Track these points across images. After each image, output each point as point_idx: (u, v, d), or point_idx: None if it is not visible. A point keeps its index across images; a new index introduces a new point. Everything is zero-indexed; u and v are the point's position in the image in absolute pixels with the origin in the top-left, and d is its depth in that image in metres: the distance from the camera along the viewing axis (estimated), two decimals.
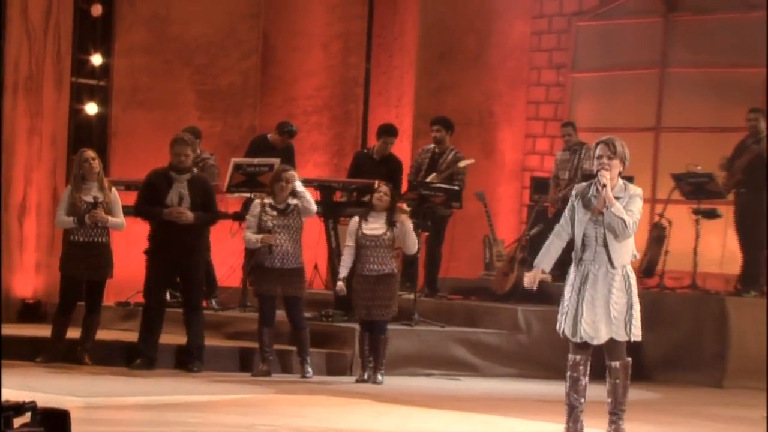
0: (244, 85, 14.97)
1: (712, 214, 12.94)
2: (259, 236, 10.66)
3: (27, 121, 13.45)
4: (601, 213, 7.03)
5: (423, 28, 15.68)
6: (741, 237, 13.11)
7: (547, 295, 13.43)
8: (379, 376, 10.53)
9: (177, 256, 10.81)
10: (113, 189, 11.08)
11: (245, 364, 11.12)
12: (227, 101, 14.85)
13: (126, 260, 13.78)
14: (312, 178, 12.63)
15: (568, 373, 7.28)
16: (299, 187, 10.74)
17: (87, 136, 14.04)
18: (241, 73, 14.93)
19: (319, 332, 11.42)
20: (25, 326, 12.52)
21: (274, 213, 10.75)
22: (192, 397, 8.92)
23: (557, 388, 10.99)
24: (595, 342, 7.21)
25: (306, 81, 15.43)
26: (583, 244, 7.13)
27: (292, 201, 10.78)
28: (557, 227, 7.36)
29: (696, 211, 12.94)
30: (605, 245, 7.07)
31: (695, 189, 12.95)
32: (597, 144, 7.26)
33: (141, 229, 12.55)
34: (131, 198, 12.98)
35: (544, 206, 14.66)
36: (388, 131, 12.98)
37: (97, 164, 10.99)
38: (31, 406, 4.96)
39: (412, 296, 11.93)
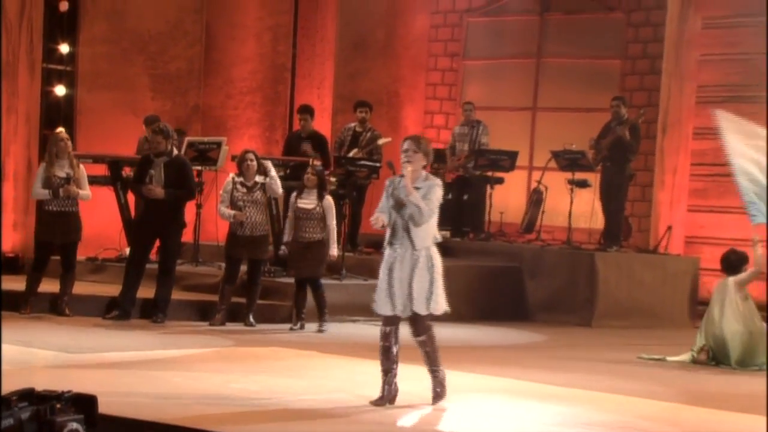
0: (190, 69, 14.79)
1: (583, 184, 13.08)
2: (233, 212, 10.56)
3: (5, 101, 13.13)
4: (404, 204, 6.60)
5: (341, 21, 15.53)
6: (605, 202, 13.27)
7: (448, 249, 13.58)
8: (324, 325, 10.52)
9: (155, 226, 10.70)
10: (81, 165, 10.89)
11: (202, 313, 10.95)
12: (175, 83, 14.66)
13: (94, 222, 13.61)
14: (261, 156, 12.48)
15: (381, 343, 6.80)
16: (272, 171, 10.76)
17: (56, 114, 13.76)
18: (187, 60, 14.74)
19: (263, 287, 11.31)
20: (6, 278, 12.24)
21: (244, 190, 10.66)
22: (169, 352, 8.76)
23: (463, 331, 11.19)
24: (402, 315, 6.75)
25: (242, 66, 15.26)
26: (392, 230, 6.71)
27: (259, 179, 10.72)
28: (380, 206, 6.83)
29: (570, 181, 13.06)
30: (407, 230, 6.64)
31: (570, 163, 13.08)
32: (405, 139, 6.86)
33: (106, 195, 12.44)
34: (99, 169, 12.89)
35: (441, 174, 14.72)
36: (300, 110, 12.99)
37: (68, 144, 10.80)
38: (69, 396, 4.87)
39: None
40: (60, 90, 13.77)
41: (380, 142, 13.10)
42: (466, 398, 7.20)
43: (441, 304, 6.78)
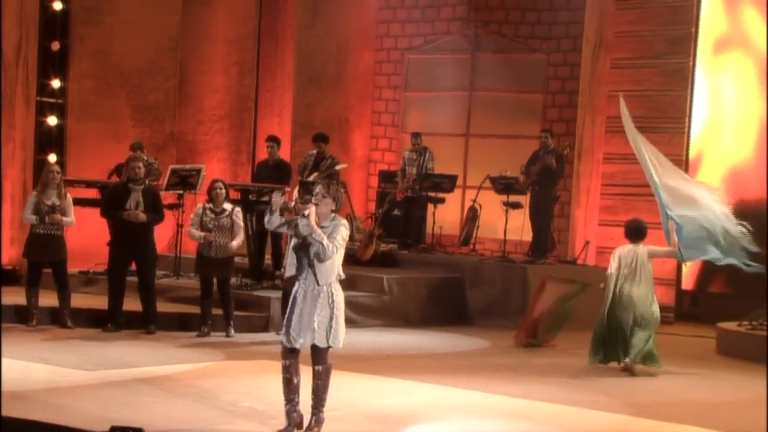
0: (166, 100, 14.58)
1: (516, 206, 13.17)
2: (202, 234, 10.44)
3: (3, 130, 12.87)
4: (308, 242, 6.22)
5: (298, 58, 15.46)
6: (533, 221, 13.34)
7: (397, 261, 13.63)
8: None
9: (133, 247, 10.54)
10: (68, 195, 10.72)
11: (186, 324, 10.80)
12: (153, 113, 14.45)
13: (84, 238, 13.39)
14: (233, 182, 12.39)
15: (282, 375, 6.41)
16: (240, 233, 10.59)
17: (48, 142, 13.51)
18: (163, 92, 14.53)
19: (241, 300, 11.19)
20: (7, 289, 11.95)
21: (212, 215, 10.53)
22: (174, 367, 8.59)
23: (416, 338, 11.22)
24: (301, 347, 6.37)
25: (211, 96, 15.14)
26: (299, 265, 6.34)
27: (227, 206, 10.58)
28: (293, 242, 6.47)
29: (505, 203, 13.14)
30: (312, 266, 6.26)
31: (505, 187, 13.16)
32: (318, 184, 6.56)
33: (96, 215, 12.17)
34: (89, 193, 12.65)
35: (387, 192, 14.74)
36: (268, 138, 12.91)
37: (57, 176, 10.64)
38: None
39: None
40: (52, 120, 13.51)
41: (338, 167, 13.04)
42: (445, 415, 7.16)
43: (341, 339, 6.38)
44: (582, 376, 9.12)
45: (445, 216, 14.76)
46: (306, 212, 6.29)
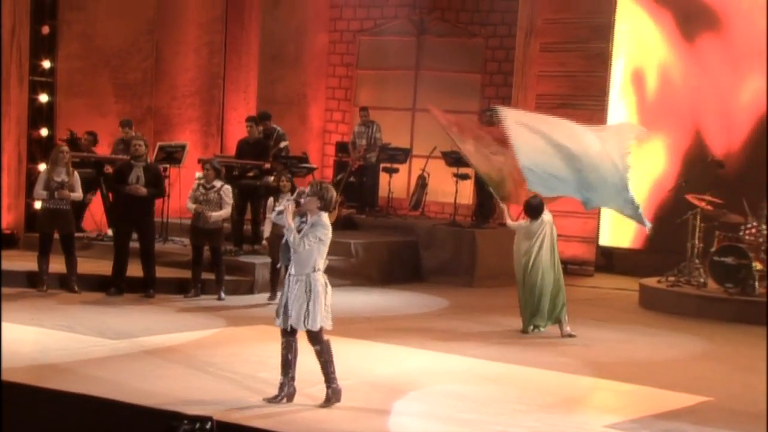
0: (144, 78, 14.33)
1: (465, 177, 13.32)
2: (194, 206, 10.47)
3: (3, 107, 12.62)
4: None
5: (262, 39, 15.32)
6: (478, 190, 13.45)
7: (357, 225, 13.73)
8: None
9: (134, 217, 10.50)
10: (75, 173, 10.58)
11: (182, 288, 10.75)
12: (133, 90, 14.21)
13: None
14: (224, 160, 12.25)
15: (280, 350, 6.49)
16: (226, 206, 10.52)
17: (40, 117, 13.21)
18: (141, 71, 14.28)
19: (228, 265, 11.13)
20: (6, 252, 11.74)
21: (203, 190, 10.54)
22: (183, 335, 8.53)
23: (382, 298, 11.38)
24: (287, 327, 6.39)
25: (184, 75, 14.91)
26: (289, 254, 6.37)
27: (217, 183, 10.56)
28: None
29: (455, 175, 13.26)
30: (294, 258, 6.31)
31: (454, 161, 13.22)
32: (310, 183, 6.58)
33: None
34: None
35: (345, 162, 14.79)
36: (247, 119, 12.74)
37: (66, 155, 10.50)
38: (208, 423, 4.75)
39: None
40: (43, 98, 13.20)
41: (282, 145, 12.94)
42: (437, 381, 7.24)
43: (318, 322, 6.30)
44: (538, 337, 9.25)
45: (393, 182, 14.91)
46: (281, 207, 6.42)
